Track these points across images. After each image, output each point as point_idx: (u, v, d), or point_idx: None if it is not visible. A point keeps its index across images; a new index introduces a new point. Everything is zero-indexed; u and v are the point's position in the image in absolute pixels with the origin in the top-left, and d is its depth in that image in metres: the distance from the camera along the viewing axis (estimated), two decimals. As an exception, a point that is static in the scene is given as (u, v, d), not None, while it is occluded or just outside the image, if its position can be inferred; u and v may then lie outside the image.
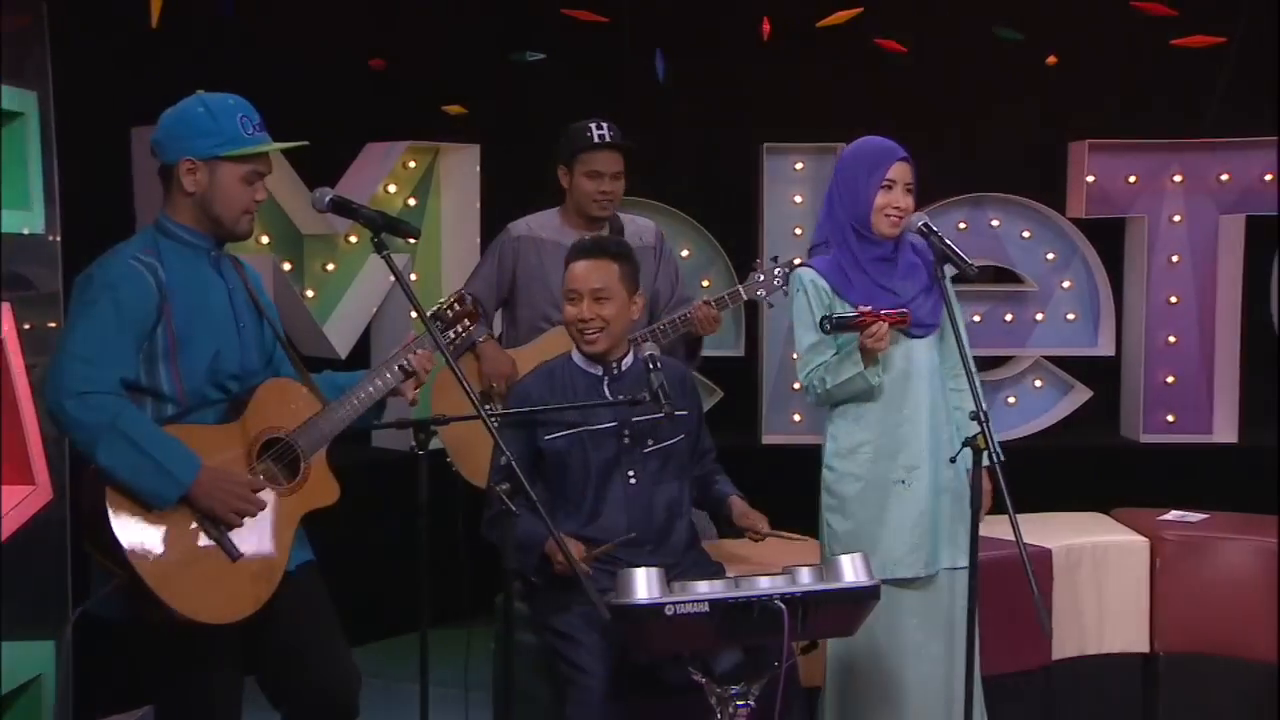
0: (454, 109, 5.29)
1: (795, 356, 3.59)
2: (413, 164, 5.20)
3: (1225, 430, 5.42)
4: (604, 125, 4.12)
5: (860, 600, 2.95)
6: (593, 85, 5.29)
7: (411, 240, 3.14)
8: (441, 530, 3.14)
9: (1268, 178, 5.37)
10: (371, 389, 2.95)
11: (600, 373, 3.47)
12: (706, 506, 3.67)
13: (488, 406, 3.87)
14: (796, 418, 5.32)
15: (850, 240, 3.40)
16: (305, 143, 2.96)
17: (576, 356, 3.50)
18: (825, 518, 3.48)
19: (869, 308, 3.28)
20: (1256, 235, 5.37)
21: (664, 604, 2.78)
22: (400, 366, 2.98)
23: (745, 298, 4.06)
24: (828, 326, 3.25)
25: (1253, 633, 4.25)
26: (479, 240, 5.17)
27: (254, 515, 2.78)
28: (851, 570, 2.94)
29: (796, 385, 5.20)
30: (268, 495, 2.82)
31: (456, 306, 3.09)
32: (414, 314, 3.21)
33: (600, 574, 3.24)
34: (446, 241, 5.26)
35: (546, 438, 3.42)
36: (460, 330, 3.10)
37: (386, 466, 4.68)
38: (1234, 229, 5.37)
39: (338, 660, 2.98)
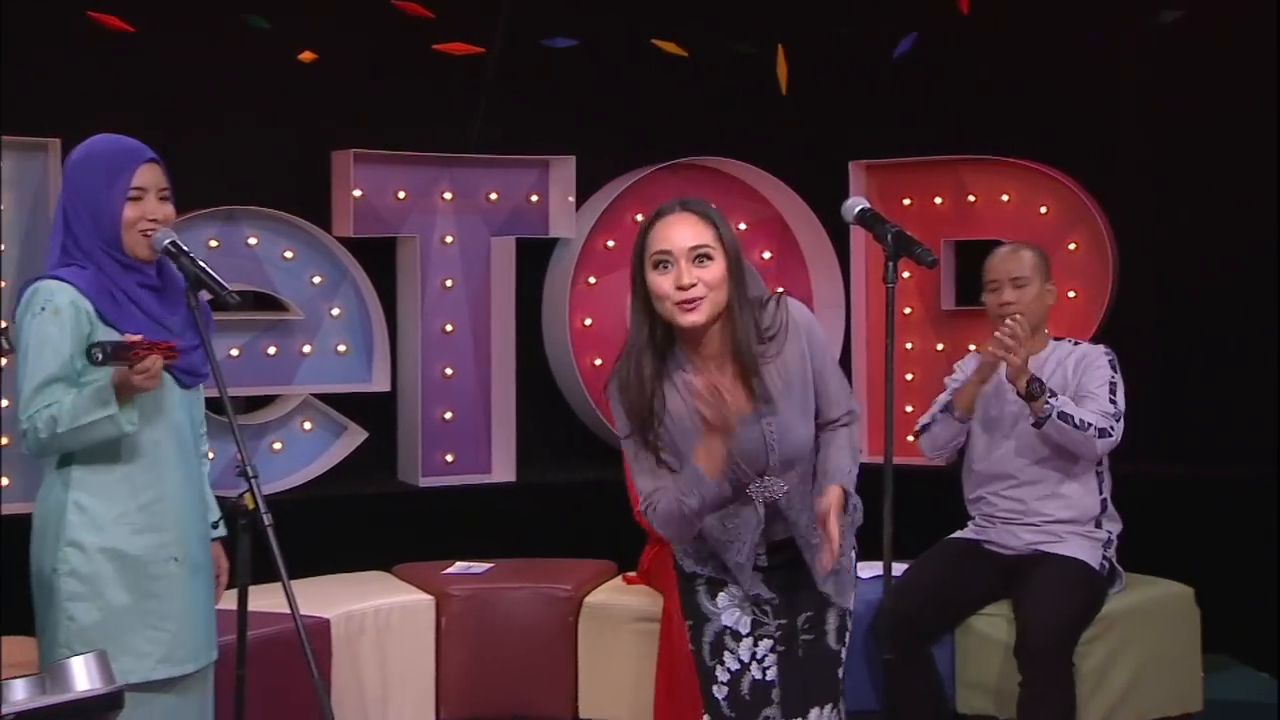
0: None
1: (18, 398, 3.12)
2: None
3: (503, 468, 5.55)
4: None
5: (95, 713, 2.56)
6: None
7: None
8: None
9: (534, 198, 5.62)
10: None
11: None
12: None
13: None
14: (4, 481, 4.69)
15: (106, 266, 3.09)
16: None
17: None
18: (65, 608, 3.08)
19: (140, 337, 3.01)
20: (526, 259, 5.55)
21: None
22: None
23: None
24: (99, 356, 2.92)
25: (537, 687, 4.36)
26: None
27: None
28: (85, 675, 2.55)
29: (4, 440, 4.58)
30: None
31: None
32: None
33: None
34: None
35: None
36: None
37: None
38: (505, 251, 5.53)
39: None
